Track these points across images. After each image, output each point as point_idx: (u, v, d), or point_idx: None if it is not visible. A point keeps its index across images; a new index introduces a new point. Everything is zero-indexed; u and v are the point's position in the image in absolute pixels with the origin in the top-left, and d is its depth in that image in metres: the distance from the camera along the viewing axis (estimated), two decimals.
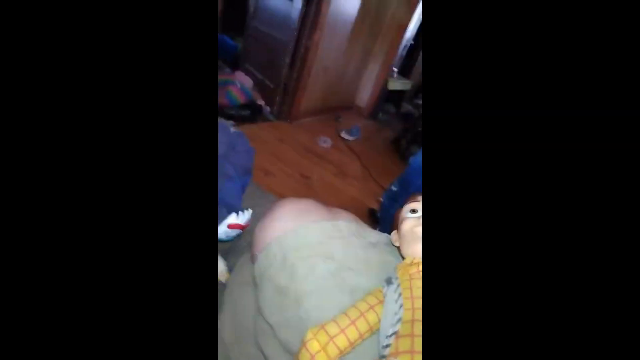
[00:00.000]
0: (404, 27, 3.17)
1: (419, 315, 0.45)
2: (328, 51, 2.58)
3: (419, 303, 0.46)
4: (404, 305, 0.47)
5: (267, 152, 2.12)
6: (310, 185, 1.96)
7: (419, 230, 0.56)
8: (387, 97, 3.61)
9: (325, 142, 2.51)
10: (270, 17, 2.52)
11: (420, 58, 3.80)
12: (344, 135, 2.74)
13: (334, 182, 2.09)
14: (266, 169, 1.95)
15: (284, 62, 2.42)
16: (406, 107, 3.98)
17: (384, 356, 0.45)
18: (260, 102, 2.47)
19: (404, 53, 3.48)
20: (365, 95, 3.49)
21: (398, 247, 0.59)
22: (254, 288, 0.62)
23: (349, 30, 2.69)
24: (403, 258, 0.57)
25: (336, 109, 3.17)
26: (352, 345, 0.49)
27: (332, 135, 2.69)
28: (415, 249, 0.55)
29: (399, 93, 3.84)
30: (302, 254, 0.57)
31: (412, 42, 3.45)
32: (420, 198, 0.61)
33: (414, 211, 0.59)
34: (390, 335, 0.45)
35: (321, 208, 0.66)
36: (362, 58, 3.19)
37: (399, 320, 0.46)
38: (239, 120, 2.24)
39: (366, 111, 3.50)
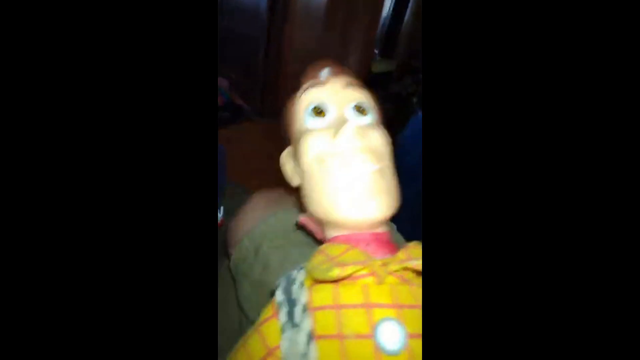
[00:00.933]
0: (380, 4, 3.06)
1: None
2: (303, 41, 2.48)
3: (356, 349, 0.23)
4: (318, 343, 0.25)
5: (255, 152, 2.03)
6: None
7: (341, 167, 0.30)
8: (373, 81, 3.51)
9: None
10: (238, 13, 2.42)
11: (401, 34, 3.69)
12: None
13: None
14: (256, 169, 1.86)
15: (258, 58, 2.32)
16: (394, 88, 3.86)
17: None
18: (239, 102, 2.38)
19: (384, 32, 3.37)
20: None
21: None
22: (233, 286, 0.58)
23: (322, 16, 2.59)
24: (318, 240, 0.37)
25: None
26: None
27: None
28: (340, 213, 0.29)
29: (385, 75, 3.73)
30: (275, 244, 0.47)
31: (390, 18, 3.35)
32: (325, 74, 0.36)
33: (319, 112, 0.33)
34: None
35: (297, 195, 0.59)
36: (341, 43, 3.08)
37: None
38: (220, 123, 2.15)
39: None
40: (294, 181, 0.38)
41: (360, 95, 0.34)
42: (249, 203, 0.59)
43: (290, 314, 0.26)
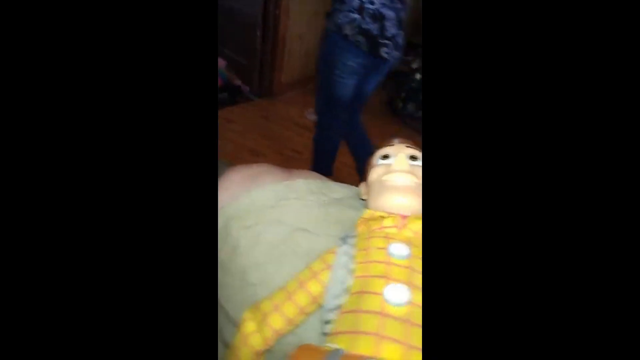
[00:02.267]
0: None
1: (372, 286, 0.36)
2: (300, 17, 2.40)
3: (375, 269, 0.38)
4: (354, 271, 0.39)
5: (253, 132, 1.98)
6: (304, 160, 1.82)
7: (389, 178, 0.47)
8: None
9: (313, 115, 2.35)
10: None
11: None
12: None
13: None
14: (254, 150, 1.82)
15: (255, 37, 2.24)
16: (396, 66, 3.78)
17: (326, 334, 0.37)
18: (237, 82, 2.31)
19: None
20: None
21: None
22: None
23: None
24: None
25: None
26: (292, 323, 0.41)
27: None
28: (382, 202, 0.46)
29: None
30: (246, 223, 0.51)
31: None
32: (395, 142, 0.53)
33: (385, 157, 0.50)
34: (333, 309, 0.37)
35: (276, 171, 0.60)
36: None
37: (345, 290, 0.38)
38: (218, 104, 2.10)
39: None
40: (364, 196, 0.53)
41: (414, 151, 0.50)
42: (223, 180, 0.57)
43: (344, 249, 0.42)
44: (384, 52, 1.15)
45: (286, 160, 1.79)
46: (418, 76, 2.47)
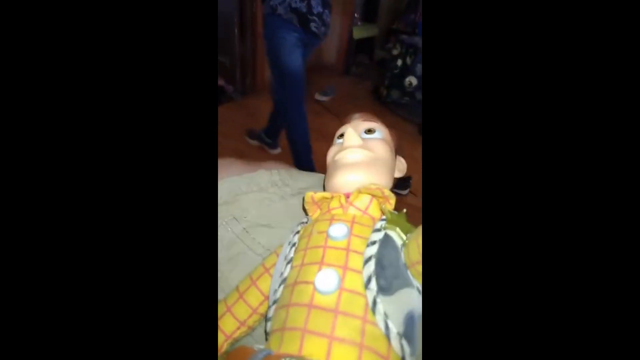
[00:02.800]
0: None
1: (305, 274, 0.33)
2: None
3: (312, 256, 0.35)
4: (293, 260, 0.36)
5: (238, 133, 1.98)
6: (290, 157, 1.82)
7: (339, 157, 0.44)
8: (357, 48, 3.40)
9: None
10: None
11: None
12: (318, 97, 2.58)
13: (315, 147, 1.95)
14: (239, 150, 1.82)
15: (234, 36, 2.23)
16: (379, 54, 3.76)
17: (269, 318, 0.34)
18: (220, 82, 2.31)
19: None
20: (332, 51, 3.28)
21: None
22: None
23: None
24: None
25: (306, 72, 2.98)
26: (246, 325, 0.39)
27: (307, 100, 2.53)
28: (332, 182, 0.43)
29: (368, 41, 3.62)
30: None
31: None
32: (354, 117, 0.50)
33: (342, 136, 0.48)
34: (272, 305, 0.35)
35: (238, 164, 0.57)
36: None
37: (283, 282, 0.35)
38: None
39: (338, 67, 3.30)
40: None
41: (371, 124, 0.49)
42: None
43: (290, 237, 0.40)
44: (313, 27, 1.38)
45: (272, 158, 1.80)
46: (399, 62, 2.47)
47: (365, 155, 0.43)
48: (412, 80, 2.45)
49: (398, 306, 0.31)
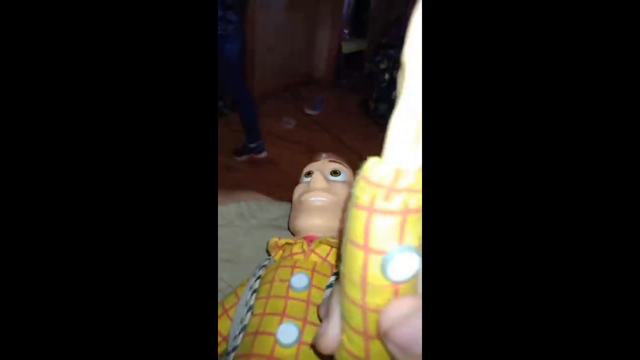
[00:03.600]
0: None
1: (266, 325, 0.34)
2: (267, 30, 2.42)
3: (273, 306, 0.35)
4: (254, 307, 0.36)
5: (226, 148, 1.99)
6: (279, 170, 1.83)
7: (305, 198, 0.45)
8: (346, 62, 3.46)
9: (289, 123, 2.38)
10: None
11: (370, 12, 3.63)
12: (307, 111, 2.61)
13: (304, 161, 1.96)
14: (228, 165, 1.83)
15: None
16: (368, 67, 3.82)
17: None
18: None
19: (351, 11, 3.31)
20: (322, 64, 3.33)
21: None
22: None
23: (283, 2, 2.53)
24: (293, 235, 0.47)
25: (295, 86, 3.02)
26: None
27: (296, 114, 2.56)
28: (296, 223, 0.44)
29: (357, 54, 3.68)
30: None
31: None
32: (322, 157, 0.52)
33: (309, 174, 0.49)
34: (231, 352, 0.35)
35: None
36: (307, 27, 3.02)
37: (243, 329, 0.35)
38: None
39: (327, 81, 3.35)
40: None
41: (337, 165, 0.50)
42: None
43: (251, 282, 0.40)
44: (220, 30, 1.56)
45: (261, 172, 1.81)
46: (387, 76, 2.51)
47: (329, 199, 0.45)
48: None
49: None
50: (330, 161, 0.51)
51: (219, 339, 0.39)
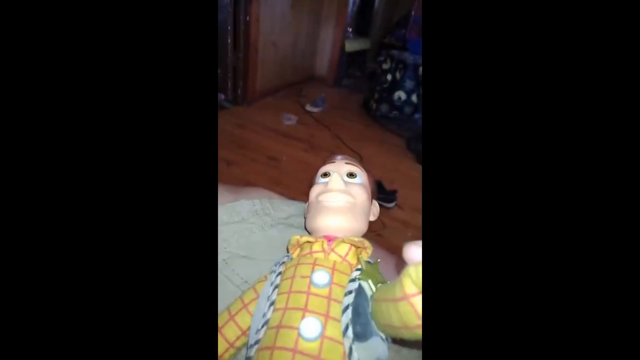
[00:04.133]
0: None
1: (289, 319, 0.35)
2: (272, 24, 2.41)
3: (295, 301, 0.36)
4: (275, 302, 0.38)
5: (227, 142, 1.98)
6: (280, 167, 1.83)
7: (323, 198, 0.46)
8: (349, 61, 3.45)
9: (290, 120, 2.37)
10: None
11: (374, 12, 3.62)
12: (309, 108, 2.60)
13: (305, 158, 1.97)
14: (228, 160, 1.82)
15: (227, 44, 2.24)
16: (371, 67, 3.81)
17: (249, 358, 0.35)
18: None
19: (355, 10, 3.30)
20: (324, 62, 3.32)
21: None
22: None
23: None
24: (309, 233, 0.48)
25: (297, 83, 3.01)
26: (222, 359, 0.40)
27: (298, 110, 2.55)
28: (315, 223, 0.45)
29: (360, 54, 3.68)
30: None
31: None
32: (337, 159, 0.52)
33: (325, 175, 0.50)
34: (253, 345, 0.36)
35: (220, 190, 0.57)
36: (312, 24, 3.01)
37: (266, 323, 0.36)
38: None
39: (329, 79, 3.34)
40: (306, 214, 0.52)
41: (353, 168, 0.51)
42: None
43: (272, 278, 0.41)
44: None
45: (262, 168, 1.80)
46: (389, 77, 2.51)
47: (347, 201, 0.45)
48: (401, 94, 2.49)
49: (369, 353, 0.33)
50: (346, 163, 0.51)
51: (239, 332, 0.39)
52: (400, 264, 0.39)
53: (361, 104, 2.85)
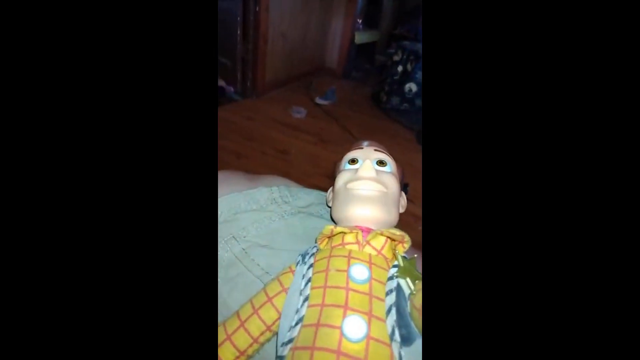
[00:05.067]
0: None
1: (329, 317, 0.32)
2: (282, 15, 2.38)
3: (334, 296, 0.34)
4: (310, 297, 0.35)
5: (236, 134, 1.97)
6: (288, 160, 1.82)
7: (354, 186, 0.42)
8: (358, 52, 3.41)
9: (299, 112, 2.35)
10: None
11: (384, 3, 3.57)
12: (318, 100, 2.58)
13: (314, 151, 1.95)
14: (237, 152, 1.81)
15: (236, 35, 2.23)
16: (380, 59, 3.77)
17: (281, 357, 0.33)
18: (221, 83, 2.30)
19: (366, 2, 3.26)
20: (334, 54, 3.28)
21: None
22: None
23: None
24: (335, 223, 0.44)
25: (306, 75, 2.99)
26: (246, 354, 0.37)
27: (307, 103, 2.53)
28: (345, 212, 0.41)
29: (370, 46, 3.63)
30: None
31: None
32: (364, 145, 0.49)
33: (353, 161, 0.46)
34: (286, 344, 0.33)
35: (238, 178, 0.55)
36: (321, 15, 2.97)
37: (300, 320, 0.33)
38: None
39: (338, 71, 3.31)
40: (330, 202, 0.49)
41: (383, 155, 0.48)
42: None
43: (301, 269, 0.38)
44: None
45: (271, 161, 1.79)
46: (400, 68, 2.47)
47: (379, 190, 0.42)
48: (412, 86, 2.45)
49: (417, 357, 0.31)
50: (375, 150, 0.48)
51: (263, 327, 0.37)
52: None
53: (371, 96, 2.82)
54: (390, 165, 0.47)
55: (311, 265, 0.38)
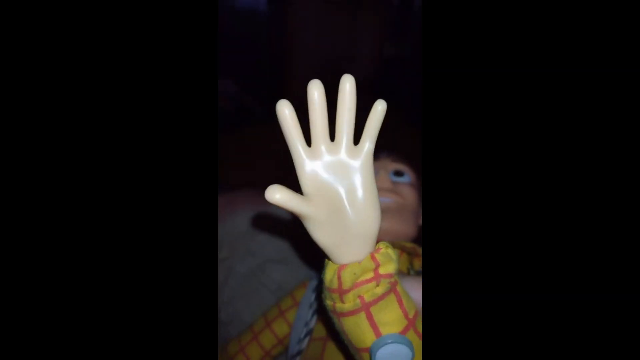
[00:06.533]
0: None
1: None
2: (307, 38, 2.41)
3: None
4: (320, 311, 0.35)
5: (264, 154, 1.99)
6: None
7: (383, 203, 0.42)
8: (388, 68, 3.39)
9: None
10: (235, 13, 2.39)
11: (413, 17, 3.54)
12: None
13: None
14: (266, 171, 1.82)
15: (263, 58, 2.28)
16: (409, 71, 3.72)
17: None
18: (249, 104, 2.35)
19: (395, 16, 3.24)
20: (361, 68, 3.27)
21: None
22: None
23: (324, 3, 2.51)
24: None
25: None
26: None
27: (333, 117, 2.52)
28: None
29: (399, 61, 3.60)
30: (220, 256, 0.48)
31: (401, 1, 3.21)
32: (382, 156, 0.49)
33: (398, 173, 0.46)
34: (295, 356, 0.33)
35: (254, 196, 0.57)
36: (349, 32, 2.98)
37: (309, 333, 0.33)
38: (232, 126, 2.13)
39: (369, 83, 3.29)
40: None
41: (400, 166, 0.47)
42: None
43: (312, 284, 0.37)
44: None
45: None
46: None
47: (394, 201, 0.42)
48: None
49: None
50: (392, 161, 0.47)
51: (275, 340, 0.38)
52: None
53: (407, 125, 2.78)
54: (409, 176, 0.45)
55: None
